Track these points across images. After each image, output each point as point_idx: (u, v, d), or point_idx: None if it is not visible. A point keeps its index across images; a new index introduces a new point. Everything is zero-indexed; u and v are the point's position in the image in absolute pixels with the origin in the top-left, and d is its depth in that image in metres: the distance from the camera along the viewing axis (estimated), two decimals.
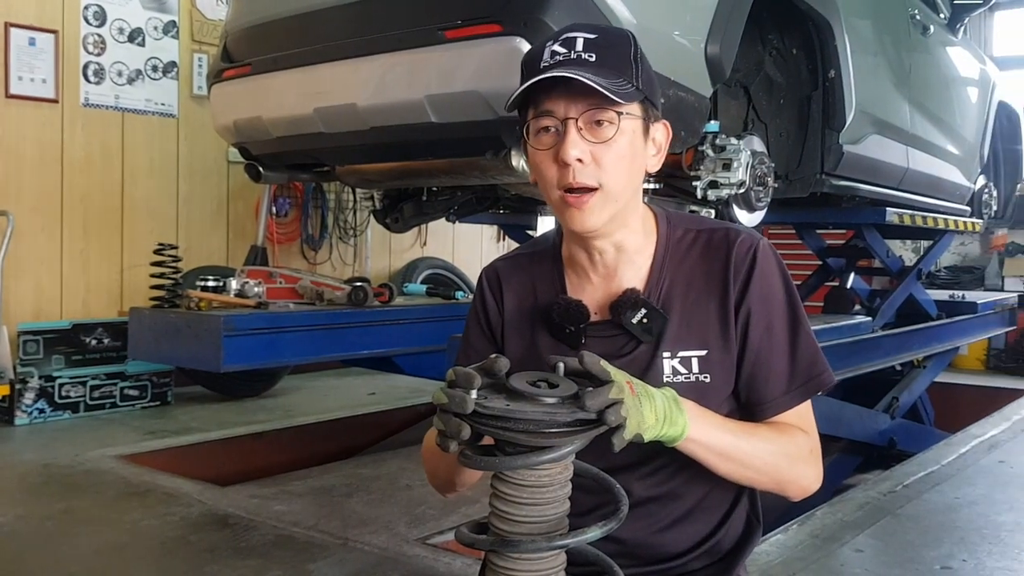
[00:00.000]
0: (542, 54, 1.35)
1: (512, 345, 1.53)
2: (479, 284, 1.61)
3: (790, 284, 1.46)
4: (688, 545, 1.47)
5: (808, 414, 1.45)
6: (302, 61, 3.35)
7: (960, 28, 5.38)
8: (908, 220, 4.89)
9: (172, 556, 3.08)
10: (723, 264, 1.43)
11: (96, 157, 5.91)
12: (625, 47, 1.36)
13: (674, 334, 1.42)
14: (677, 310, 1.43)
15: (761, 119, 3.63)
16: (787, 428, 1.41)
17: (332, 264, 7.34)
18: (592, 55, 1.32)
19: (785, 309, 1.43)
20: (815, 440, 1.44)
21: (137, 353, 4.12)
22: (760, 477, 1.38)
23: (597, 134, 1.33)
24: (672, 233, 1.48)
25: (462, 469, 1.41)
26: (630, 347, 1.43)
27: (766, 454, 1.36)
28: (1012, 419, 5.74)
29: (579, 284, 1.49)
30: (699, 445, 1.29)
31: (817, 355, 1.44)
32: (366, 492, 3.91)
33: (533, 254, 1.58)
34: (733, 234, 1.45)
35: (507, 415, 1.13)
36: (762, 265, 1.42)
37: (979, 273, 8.90)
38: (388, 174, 3.76)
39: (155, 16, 6.17)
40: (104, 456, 4.32)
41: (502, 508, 1.20)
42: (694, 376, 1.41)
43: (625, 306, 1.41)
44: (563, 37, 1.34)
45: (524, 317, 1.52)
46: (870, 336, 4.76)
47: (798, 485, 1.41)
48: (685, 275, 1.45)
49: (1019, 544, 3.32)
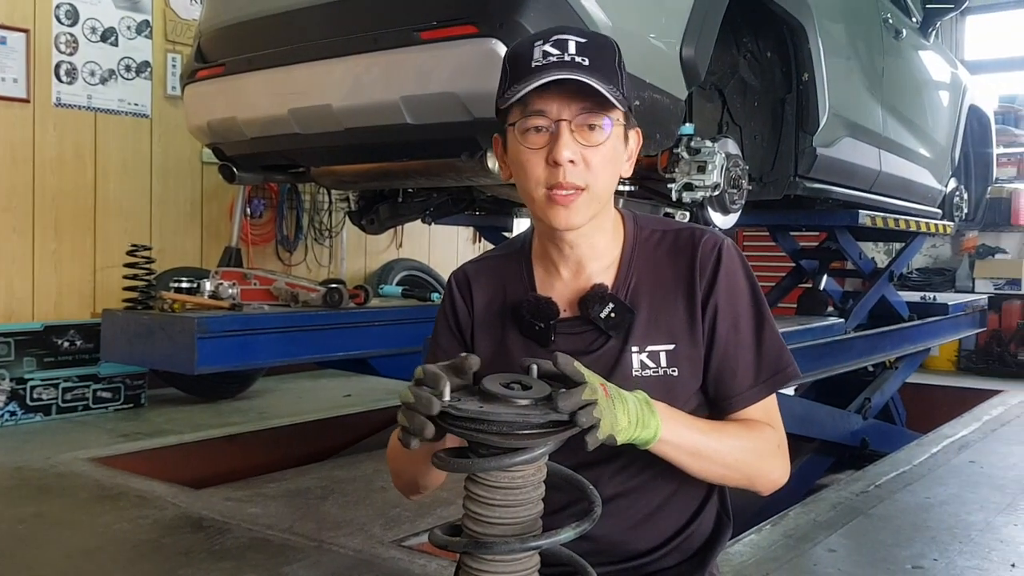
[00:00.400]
0: (531, 53, 1.35)
1: (482, 345, 1.54)
2: (448, 286, 1.62)
3: (754, 281, 1.49)
4: (659, 541, 1.49)
5: (774, 408, 1.49)
6: (277, 61, 3.34)
7: (932, 32, 5.43)
8: (880, 222, 4.93)
9: (145, 559, 3.05)
10: (689, 262, 1.46)
11: (68, 157, 5.86)
12: (611, 54, 1.39)
13: (642, 329, 1.44)
14: (645, 306, 1.46)
15: (735, 122, 3.65)
16: (755, 424, 1.44)
17: (307, 266, 7.31)
18: (585, 59, 1.34)
19: (750, 305, 1.47)
20: (781, 434, 1.47)
21: (110, 355, 4.08)
22: (731, 473, 1.40)
23: (588, 137, 1.36)
24: (640, 233, 1.51)
25: (428, 470, 1.42)
26: (599, 343, 1.45)
27: (736, 451, 1.39)
28: (983, 419, 5.81)
29: (548, 282, 1.51)
30: (671, 446, 1.31)
31: (782, 350, 1.48)
32: (341, 494, 3.90)
33: (502, 256, 1.61)
34: (699, 233, 1.49)
35: (480, 417, 1.13)
36: (727, 263, 1.46)
37: (950, 275, 8.98)
38: (363, 175, 3.75)
39: (128, 15, 6.13)
40: (76, 459, 4.28)
41: (475, 510, 1.20)
42: (662, 370, 1.43)
43: (593, 300, 1.44)
44: (554, 38, 1.36)
45: (493, 316, 1.54)
46: (843, 337, 4.80)
47: (768, 479, 1.44)
48: (652, 273, 1.48)
49: (989, 543, 3.35)
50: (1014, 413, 6.11)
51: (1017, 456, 4.78)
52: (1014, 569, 3.09)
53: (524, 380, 1.20)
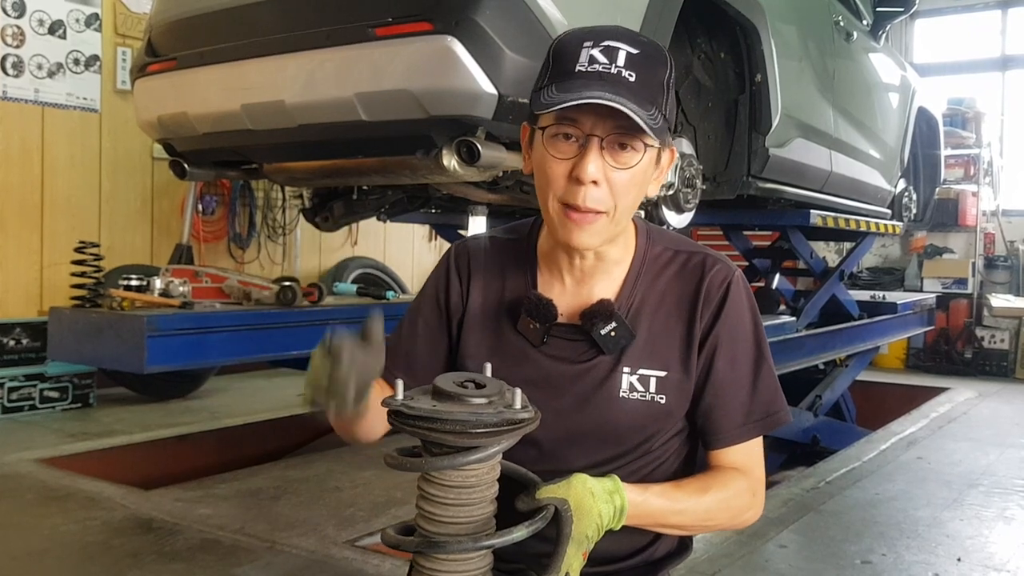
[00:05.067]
0: (578, 54, 1.29)
1: (472, 339, 1.50)
2: (446, 259, 1.57)
3: (758, 319, 1.47)
4: (624, 553, 1.48)
5: (758, 450, 1.46)
6: (229, 56, 3.29)
7: (882, 35, 5.51)
8: (831, 222, 4.99)
9: (93, 562, 3.00)
10: (695, 289, 1.43)
11: (14, 152, 5.74)
12: (663, 70, 1.32)
13: (638, 351, 1.41)
14: (644, 328, 1.42)
15: (689, 122, 3.67)
16: (730, 479, 1.42)
17: (260, 263, 7.24)
18: (632, 74, 1.27)
19: (752, 344, 1.44)
20: (758, 476, 1.45)
21: (57, 354, 4.00)
22: (704, 531, 1.48)
23: (619, 159, 1.30)
24: (651, 249, 1.47)
25: (357, 427, 1.38)
26: (590, 355, 1.43)
27: (706, 518, 1.39)
28: (930, 416, 5.92)
29: (550, 283, 1.48)
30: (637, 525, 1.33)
31: (777, 394, 1.46)
32: (294, 494, 3.86)
33: (508, 241, 1.55)
34: (710, 261, 1.45)
35: (434, 416, 1.13)
36: (734, 297, 1.43)
37: (899, 274, 9.13)
38: (317, 172, 3.72)
39: (77, 8, 6.02)
40: (22, 460, 4.20)
41: (429, 509, 1.19)
42: (650, 396, 1.41)
43: (597, 316, 1.40)
44: (605, 43, 1.29)
45: (489, 306, 1.50)
46: (794, 336, 4.85)
47: (740, 527, 1.46)
48: (657, 293, 1.44)
49: (936, 538, 3.41)
50: (961, 410, 6.24)
51: (963, 452, 4.87)
52: (960, 563, 3.15)
53: (478, 379, 1.20)
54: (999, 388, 7.50)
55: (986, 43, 9.37)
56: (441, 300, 1.54)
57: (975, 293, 8.64)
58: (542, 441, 1.41)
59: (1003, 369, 8.30)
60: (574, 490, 1.22)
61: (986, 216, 8.96)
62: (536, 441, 1.40)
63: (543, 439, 1.40)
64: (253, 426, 5.24)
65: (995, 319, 8.44)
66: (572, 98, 1.25)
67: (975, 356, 8.40)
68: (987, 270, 8.87)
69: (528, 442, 1.39)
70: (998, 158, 9.13)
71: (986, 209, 8.95)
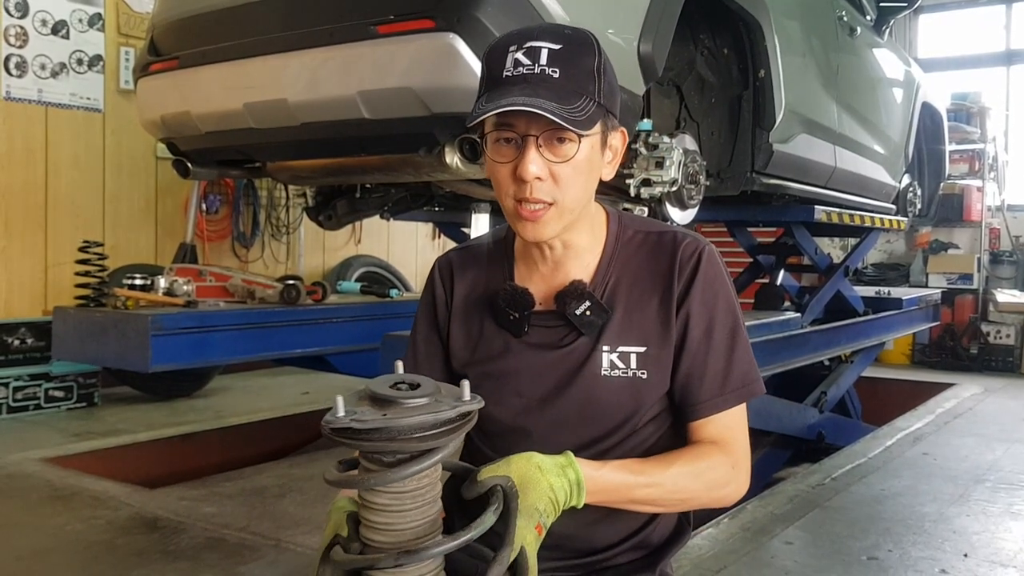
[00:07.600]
0: (504, 60, 1.33)
1: (456, 335, 1.54)
2: (432, 275, 1.61)
3: (732, 291, 1.48)
4: (617, 539, 1.48)
5: (740, 420, 1.46)
6: (231, 55, 3.29)
7: (886, 30, 5.49)
8: (836, 218, 4.98)
9: (98, 561, 3.01)
10: (668, 264, 1.45)
11: (18, 152, 5.75)
12: (589, 58, 1.35)
13: (615, 329, 1.43)
14: (620, 306, 1.45)
15: (693, 118, 3.67)
16: (704, 451, 1.41)
17: (264, 262, 7.25)
18: (556, 70, 1.31)
19: (726, 314, 1.45)
20: (741, 448, 1.45)
21: (62, 353, 4.01)
22: (682, 507, 1.43)
23: (557, 152, 1.33)
24: (622, 233, 1.50)
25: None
26: (571, 338, 1.45)
27: (676, 490, 1.37)
28: (936, 412, 5.90)
29: (527, 275, 1.51)
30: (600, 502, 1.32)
31: (752, 364, 1.47)
32: (299, 493, 3.87)
33: (487, 244, 1.60)
34: (680, 236, 1.48)
35: (389, 425, 1.09)
36: (706, 269, 1.44)
37: (904, 270, 9.12)
38: (320, 171, 3.72)
39: (80, 8, 6.03)
40: (28, 459, 4.21)
41: (381, 520, 1.15)
42: (631, 372, 1.42)
43: (570, 296, 1.43)
44: (527, 45, 1.32)
45: (471, 305, 1.54)
46: (799, 332, 4.83)
47: (723, 502, 1.44)
48: (631, 273, 1.46)
49: (942, 534, 3.40)
50: (966, 406, 6.22)
51: (969, 448, 4.86)
52: (967, 559, 3.14)
53: (408, 379, 1.17)
54: (1005, 383, 7.49)
55: (990, 38, 9.35)
56: (430, 314, 1.59)
57: (980, 288, 8.63)
58: (532, 429, 1.44)
59: (1009, 364, 8.29)
60: (515, 466, 1.24)
61: (991, 211, 8.93)
62: (527, 430, 1.44)
63: (533, 427, 1.44)
64: (258, 425, 5.25)
65: (1000, 314, 8.42)
66: (492, 108, 1.29)
67: (980, 352, 8.38)
68: (992, 265, 8.86)
69: (520, 431, 1.44)
70: (1003, 153, 9.11)
71: (991, 204, 8.93)
